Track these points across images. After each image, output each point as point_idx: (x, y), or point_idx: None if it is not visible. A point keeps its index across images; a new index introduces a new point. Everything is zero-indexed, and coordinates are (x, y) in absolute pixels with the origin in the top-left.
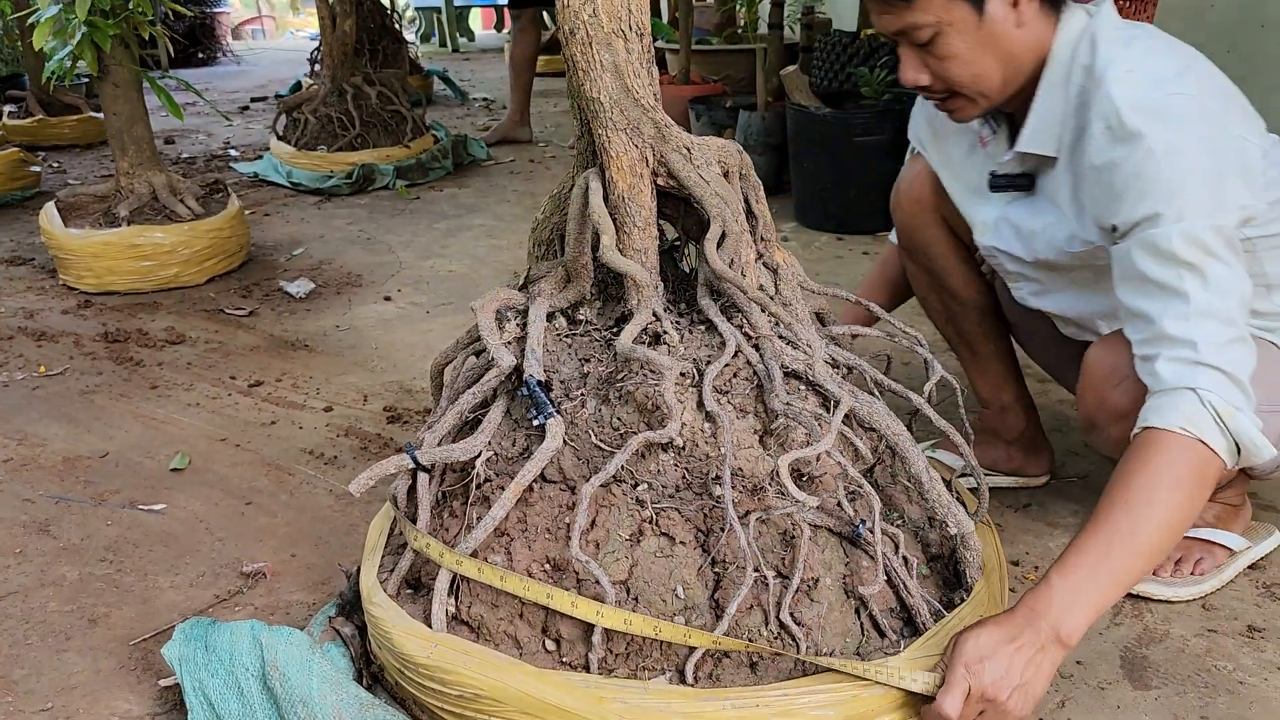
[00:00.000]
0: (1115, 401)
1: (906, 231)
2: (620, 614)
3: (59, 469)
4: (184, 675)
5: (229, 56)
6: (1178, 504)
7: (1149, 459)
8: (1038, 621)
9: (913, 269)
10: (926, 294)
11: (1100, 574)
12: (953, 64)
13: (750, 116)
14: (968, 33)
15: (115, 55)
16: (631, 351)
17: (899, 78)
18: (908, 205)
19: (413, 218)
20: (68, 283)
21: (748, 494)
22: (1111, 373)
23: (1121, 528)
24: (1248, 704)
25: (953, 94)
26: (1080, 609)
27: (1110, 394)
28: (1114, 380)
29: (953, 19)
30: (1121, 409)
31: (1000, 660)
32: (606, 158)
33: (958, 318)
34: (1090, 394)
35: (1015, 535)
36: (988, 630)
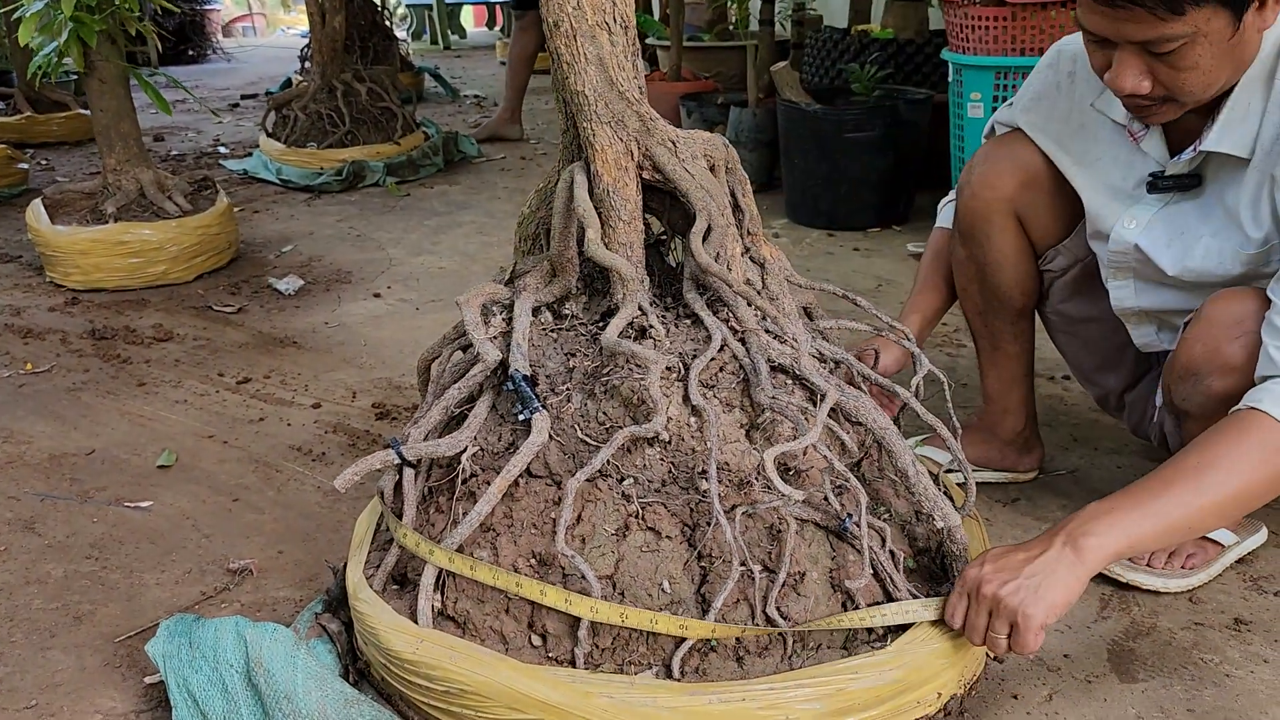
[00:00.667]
0: (1229, 353)
1: (970, 219)
2: (615, 609)
3: (45, 466)
4: (168, 672)
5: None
6: (1255, 481)
7: (1245, 433)
8: (1054, 534)
9: (961, 255)
10: (968, 283)
11: (1147, 508)
12: (1190, 74)
13: (741, 113)
14: (1218, 44)
15: (102, 51)
16: (617, 345)
17: (1110, 83)
18: (982, 194)
19: (403, 215)
20: (55, 280)
21: (734, 488)
22: (1235, 324)
23: (1189, 478)
24: (1234, 696)
25: (1167, 100)
26: (1109, 531)
27: (1227, 345)
28: (1235, 332)
29: (1210, 30)
30: (1234, 362)
31: (1002, 562)
32: (591, 151)
33: (993, 313)
34: (1203, 342)
35: (1003, 530)
36: (997, 548)
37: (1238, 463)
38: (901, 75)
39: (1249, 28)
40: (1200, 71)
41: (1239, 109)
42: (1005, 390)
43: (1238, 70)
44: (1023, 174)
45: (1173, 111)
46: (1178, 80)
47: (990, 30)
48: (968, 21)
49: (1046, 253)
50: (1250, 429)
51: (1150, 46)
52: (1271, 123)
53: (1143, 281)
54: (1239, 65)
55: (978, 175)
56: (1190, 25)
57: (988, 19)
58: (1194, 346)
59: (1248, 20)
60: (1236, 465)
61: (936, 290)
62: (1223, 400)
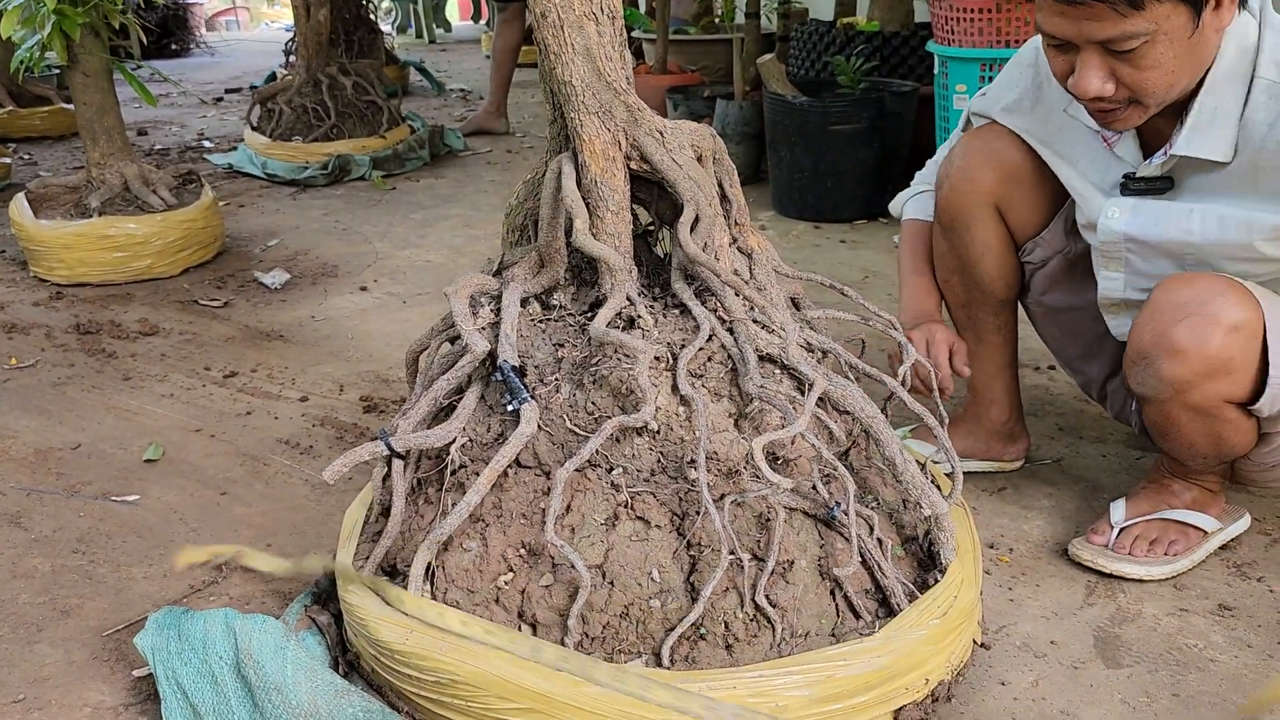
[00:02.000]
0: (1174, 336)
1: (951, 213)
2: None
3: (30, 461)
4: (156, 664)
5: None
6: None
7: None
8: None
9: (943, 248)
10: (950, 275)
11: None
12: (1153, 74)
13: (728, 106)
14: (1179, 41)
15: (85, 44)
16: (605, 336)
17: (1074, 88)
18: (962, 187)
19: (389, 208)
20: (39, 274)
21: (723, 477)
22: (1179, 308)
23: None
24: (1218, 681)
25: (1131, 103)
26: None
27: (1172, 328)
28: (1179, 316)
29: (1170, 27)
30: (1179, 345)
31: None
32: (579, 141)
33: (976, 304)
34: (1150, 327)
35: (990, 519)
36: None
37: None
38: (887, 68)
39: (1207, 26)
40: (1163, 70)
41: (1206, 112)
42: (990, 381)
43: (1198, 70)
44: (1002, 168)
45: (1137, 116)
46: (1140, 80)
47: (975, 22)
48: (953, 14)
49: (1025, 245)
50: None
51: (1112, 45)
52: (1262, 122)
53: (1134, 273)
54: (1199, 65)
55: (957, 169)
56: (1151, 22)
57: (973, 11)
58: (1143, 332)
59: (1206, 18)
60: None
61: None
62: (1172, 384)
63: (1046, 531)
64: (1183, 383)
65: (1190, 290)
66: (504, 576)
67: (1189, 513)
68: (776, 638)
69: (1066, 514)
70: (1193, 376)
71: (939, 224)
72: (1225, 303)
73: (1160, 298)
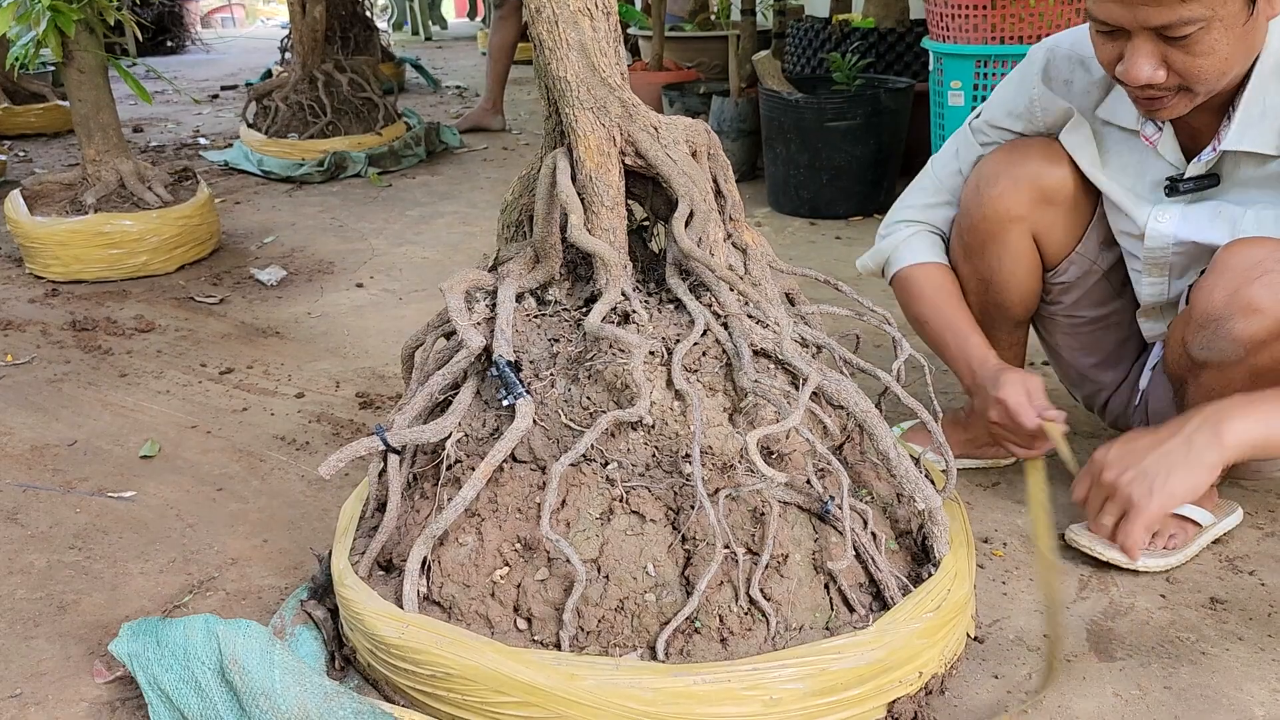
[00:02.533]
0: (1252, 294)
1: (981, 238)
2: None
3: (26, 457)
4: (137, 671)
5: (198, 44)
6: None
7: None
8: (1190, 418)
9: (966, 270)
10: (968, 294)
11: None
12: (1206, 60)
13: (724, 103)
14: (1233, 28)
15: (80, 41)
16: (600, 330)
17: (1124, 75)
18: (995, 215)
19: (385, 205)
20: (34, 271)
21: (717, 472)
22: (1254, 266)
23: None
24: (1210, 673)
25: (1181, 90)
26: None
27: (1248, 286)
28: (1256, 273)
29: (1225, 13)
30: (1258, 303)
31: (1129, 446)
32: (574, 137)
33: (992, 324)
34: (1222, 288)
35: (983, 513)
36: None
37: None
38: (883, 64)
39: (1261, 13)
40: (1216, 57)
41: (1256, 106)
42: None
43: (1248, 58)
44: (1038, 192)
45: (1184, 104)
46: (1193, 67)
47: (970, 19)
48: (948, 10)
49: (1060, 265)
50: None
51: (1166, 31)
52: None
53: (1178, 277)
54: (1249, 53)
55: (991, 196)
56: (1208, 7)
57: (968, 7)
58: (1214, 293)
59: (1260, 5)
60: None
61: None
62: (1245, 343)
63: None
64: (1257, 342)
65: (1263, 250)
66: (500, 571)
67: (1187, 506)
68: (771, 631)
69: (1060, 508)
70: (1268, 335)
71: (963, 245)
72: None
73: (1229, 259)
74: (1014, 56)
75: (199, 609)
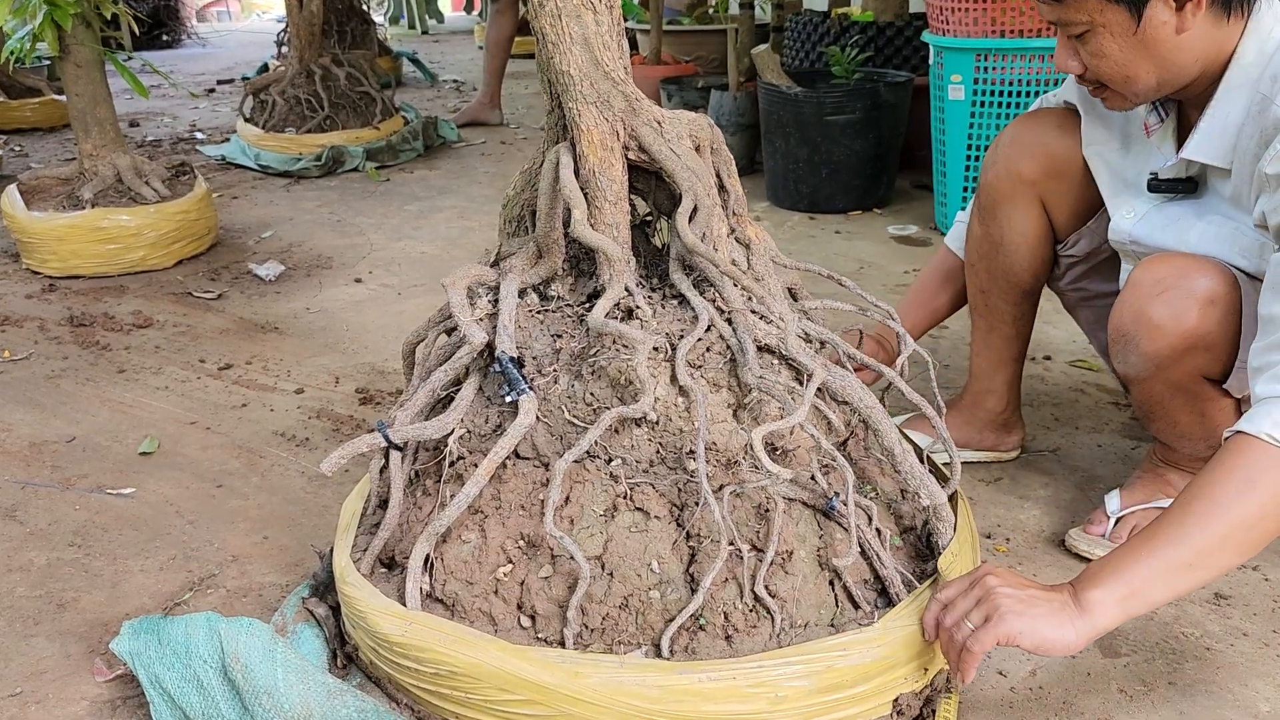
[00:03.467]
0: (1152, 313)
1: (992, 197)
2: None
3: (25, 454)
4: (139, 669)
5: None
6: (1245, 507)
7: (1223, 461)
8: (1063, 587)
9: (978, 232)
10: (978, 260)
11: (1143, 554)
12: (1104, 62)
13: (722, 97)
14: (1121, 36)
15: (77, 35)
16: (604, 326)
17: (1055, 61)
18: (1005, 173)
19: (383, 200)
20: (31, 267)
21: (722, 468)
22: (1155, 284)
23: (1183, 517)
24: (1214, 669)
25: (1102, 86)
26: (1110, 580)
27: (1149, 305)
28: (1156, 290)
29: (1106, 21)
30: (1156, 320)
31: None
32: (577, 132)
33: (998, 292)
34: (1128, 305)
35: (986, 508)
36: None
37: (1221, 491)
38: (882, 58)
39: (1159, 25)
40: (1111, 61)
41: (1218, 118)
42: (993, 370)
43: (1165, 68)
44: (1048, 160)
45: (1116, 99)
46: (1094, 66)
47: (970, 12)
48: (948, 4)
49: (1069, 238)
50: (1228, 455)
51: (1065, 30)
52: (1248, 135)
53: None
54: (1164, 63)
55: (1004, 155)
56: (1086, 14)
57: (968, 1)
58: (1122, 311)
59: (1157, 16)
60: (1222, 496)
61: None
62: (1152, 360)
63: (1043, 521)
64: (1162, 359)
65: (1167, 267)
66: (503, 568)
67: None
68: (776, 628)
69: (1063, 504)
70: (1171, 352)
71: (978, 206)
72: (1201, 278)
73: (1138, 276)
74: (1015, 50)
75: (200, 606)
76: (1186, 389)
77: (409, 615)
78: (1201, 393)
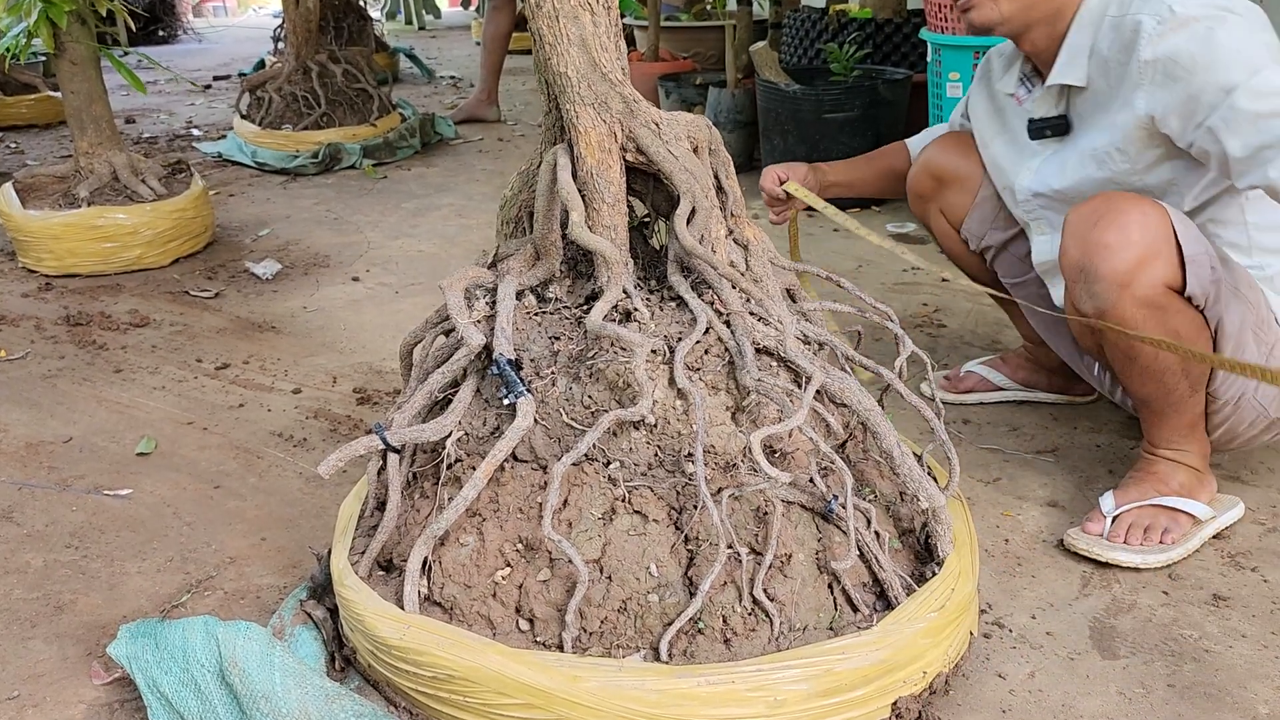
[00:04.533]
0: (1098, 236)
1: (917, 212)
2: None
3: (21, 455)
4: (136, 673)
5: (190, 34)
6: None
7: None
8: None
9: None
10: None
11: None
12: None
13: (720, 94)
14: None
15: (72, 32)
16: (602, 329)
17: None
18: (912, 194)
19: (380, 197)
20: (27, 265)
21: (720, 471)
22: (1091, 213)
23: None
24: (1213, 671)
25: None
26: None
27: (1093, 231)
28: (1094, 218)
29: None
30: (1106, 240)
31: None
32: (575, 133)
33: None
34: (1074, 242)
35: (985, 509)
36: None
37: None
38: (880, 55)
39: None
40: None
41: (1075, 47)
42: (1034, 335)
43: None
44: (933, 175)
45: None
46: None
47: None
48: (947, 0)
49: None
50: None
51: None
52: (1105, 46)
53: (1057, 231)
54: None
55: (910, 180)
56: None
57: None
58: (1069, 250)
59: None
60: None
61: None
62: (1113, 280)
63: (1041, 522)
64: (1121, 275)
65: (1094, 202)
66: (501, 571)
67: (1179, 499)
68: (775, 632)
69: (1061, 504)
70: (1129, 266)
71: None
72: (1126, 200)
73: (1071, 218)
74: None
75: (197, 608)
76: (1155, 303)
77: (407, 619)
78: (1170, 305)
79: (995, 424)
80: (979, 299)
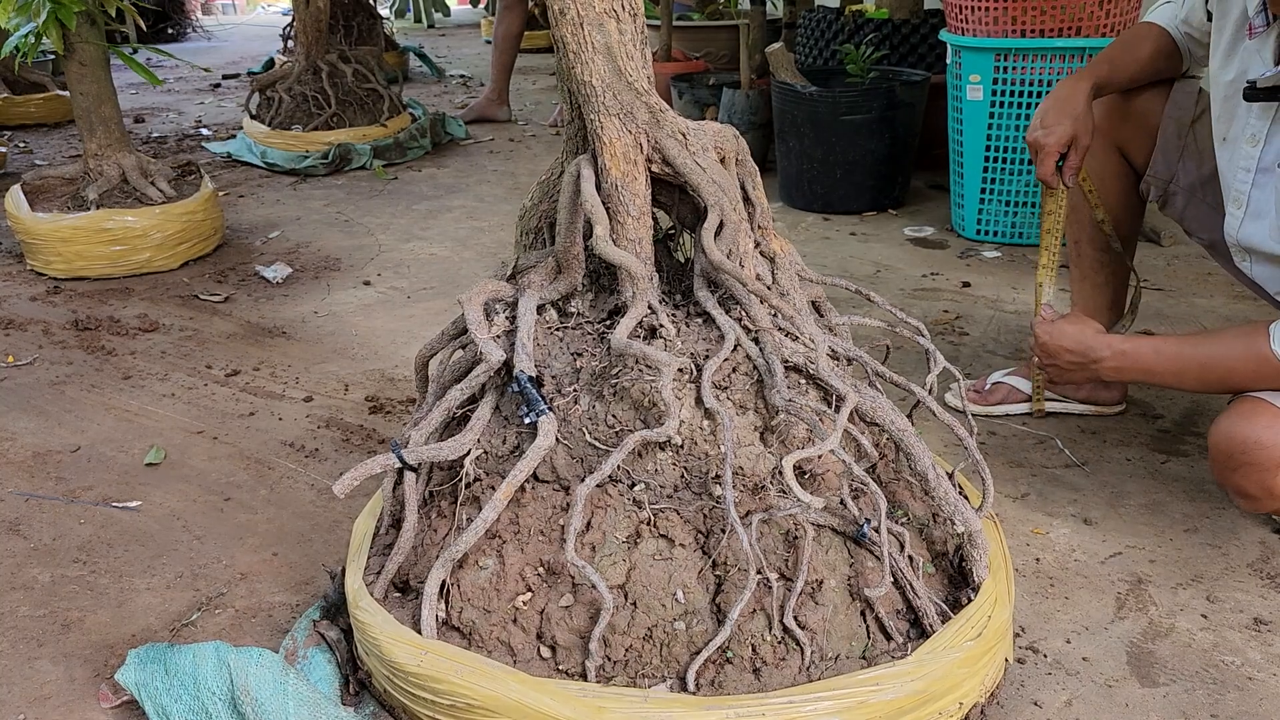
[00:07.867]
0: (1237, 483)
1: None
2: None
3: (28, 464)
4: (145, 700)
5: (199, 32)
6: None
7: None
8: None
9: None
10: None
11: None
12: None
13: (734, 95)
14: None
15: (81, 32)
16: (627, 347)
17: None
18: None
19: (391, 199)
20: (36, 268)
21: (749, 493)
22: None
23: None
24: (1258, 700)
25: None
26: None
27: (1232, 476)
28: (1234, 465)
29: None
30: (1245, 490)
31: None
32: (599, 144)
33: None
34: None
35: (1014, 526)
36: None
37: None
38: (897, 56)
39: None
40: None
41: None
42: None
43: None
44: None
45: None
46: None
47: (990, 11)
48: (968, 2)
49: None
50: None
51: None
52: None
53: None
54: None
55: None
56: None
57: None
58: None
59: None
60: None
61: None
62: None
63: (1073, 540)
64: (1265, 507)
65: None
66: (522, 596)
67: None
68: (806, 661)
69: (1094, 521)
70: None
71: None
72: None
73: (1214, 441)
74: (1036, 50)
75: (207, 627)
76: None
77: (424, 644)
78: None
79: (1021, 436)
80: (999, 305)
